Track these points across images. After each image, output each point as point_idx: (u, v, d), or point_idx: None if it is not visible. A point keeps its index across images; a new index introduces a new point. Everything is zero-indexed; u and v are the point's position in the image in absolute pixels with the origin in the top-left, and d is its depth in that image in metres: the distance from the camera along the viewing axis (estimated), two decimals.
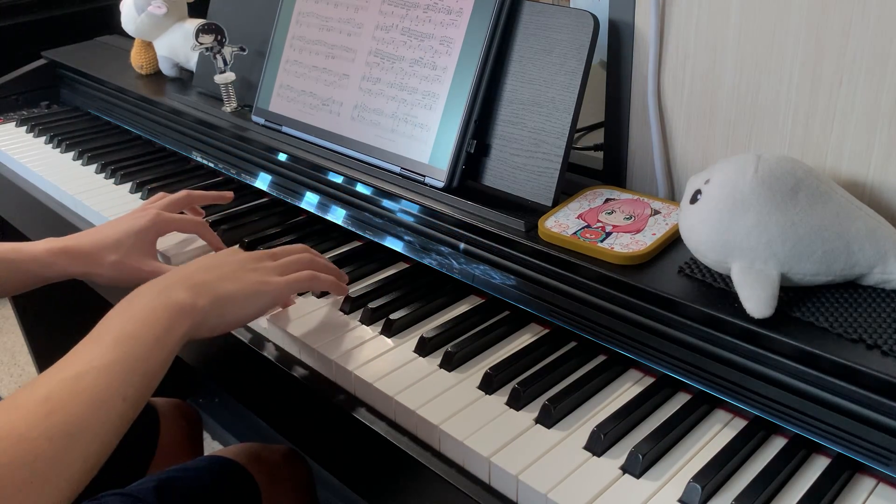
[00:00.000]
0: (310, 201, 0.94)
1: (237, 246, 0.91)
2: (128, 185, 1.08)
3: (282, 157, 0.97)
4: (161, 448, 0.99)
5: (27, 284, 0.82)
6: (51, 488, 0.50)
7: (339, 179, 0.90)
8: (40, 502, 0.49)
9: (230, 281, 0.67)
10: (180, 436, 1.03)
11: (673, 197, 0.82)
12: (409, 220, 0.83)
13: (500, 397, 0.65)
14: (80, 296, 0.85)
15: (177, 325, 0.61)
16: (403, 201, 0.83)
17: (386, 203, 0.85)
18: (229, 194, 0.95)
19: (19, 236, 1.27)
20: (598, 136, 0.87)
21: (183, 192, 0.91)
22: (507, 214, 0.75)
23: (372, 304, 0.77)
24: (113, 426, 0.54)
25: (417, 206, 0.82)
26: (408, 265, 0.86)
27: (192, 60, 1.20)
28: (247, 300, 0.67)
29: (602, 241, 0.69)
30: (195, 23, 1.13)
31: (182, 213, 0.92)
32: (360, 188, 0.88)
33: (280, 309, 0.78)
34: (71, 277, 0.82)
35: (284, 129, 0.98)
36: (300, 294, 0.81)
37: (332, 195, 0.91)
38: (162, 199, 0.90)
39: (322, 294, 0.81)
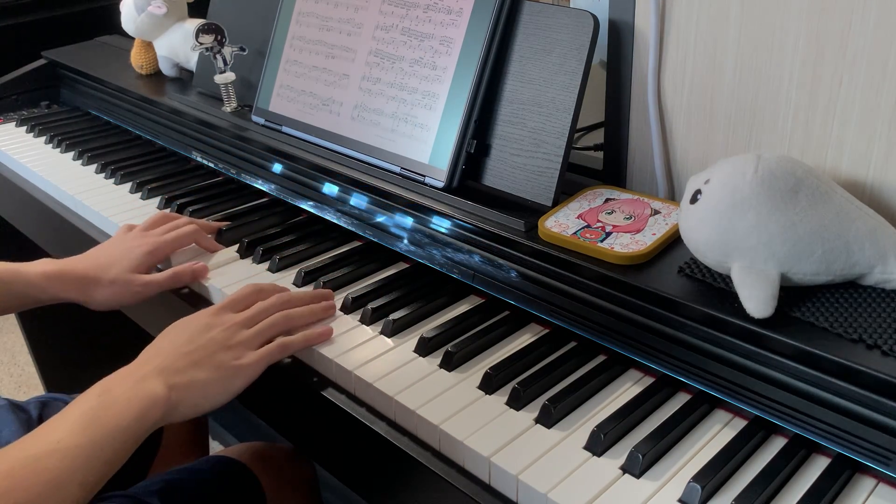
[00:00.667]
0: (310, 201, 0.94)
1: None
2: (128, 185, 1.08)
3: (282, 157, 0.97)
4: (164, 448, 0.99)
5: (22, 305, 0.84)
6: None
7: (339, 180, 0.90)
8: None
9: (205, 368, 0.66)
10: (185, 436, 1.03)
11: (673, 197, 0.82)
12: (408, 220, 0.83)
13: (500, 397, 0.65)
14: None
15: (148, 415, 0.61)
16: (403, 201, 0.83)
17: (386, 203, 0.85)
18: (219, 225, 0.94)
19: (19, 236, 1.27)
20: (598, 136, 0.87)
21: (191, 229, 0.89)
22: (507, 214, 0.75)
23: (372, 304, 0.77)
24: None
25: (417, 206, 0.82)
26: (408, 265, 0.86)
27: (192, 60, 1.20)
28: (220, 387, 0.67)
29: (602, 241, 0.69)
30: (195, 23, 1.13)
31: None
32: (359, 188, 0.88)
33: None
34: (67, 301, 0.83)
35: (284, 128, 0.98)
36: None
37: (332, 195, 0.91)
38: (165, 226, 0.89)
39: None
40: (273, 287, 0.77)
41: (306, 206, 0.94)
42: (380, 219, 0.86)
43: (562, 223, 0.73)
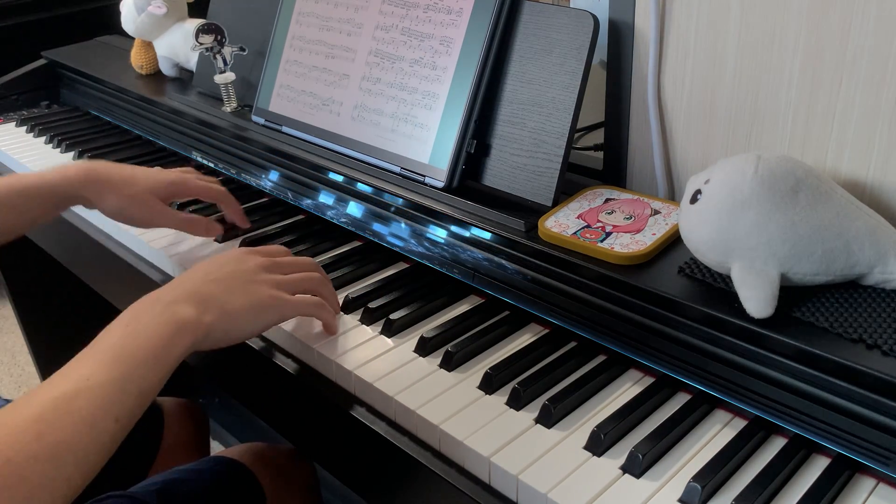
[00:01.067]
0: (310, 201, 0.94)
1: (239, 244, 0.90)
2: None
3: (282, 157, 0.97)
4: (164, 449, 0.99)
5: (49, 212, 0.85)
6: None
7: (339, 179, 0.90)
8: None
9: (239, 294, 0.65)
10: (186, 437, 1.03)
11: (673, 197, 0.82)
12: (408, 220, 0.83)
13: (500, 397, 0.65)
14: (80, 296, 0.85)
15: (179, 341, 0.59)
16: (403, 201, 0.83)
17: (386, 203, 0.85)
18: (248, 222, 0.94)
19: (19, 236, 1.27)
20: (598, 136, 0.87)
21: (220, 189, 0.91)
22: (507, 214, 0.75)
23: (372, 304, 0.77)
24: (103, 447, 0.53)
25: (417, 206, 0.82)
26: (408, 265, 0.86)
27: (192, 60, 1.20)
28: (254, 316, 0.65)
29: (602, 241, 0.69)
30: (195, 23, 1.13)
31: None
32: (360, 188, 0.88)
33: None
34: (76, 203, 0.85)
35: (284, 129, 0.98)
36: None
37: (332, 195, 0.91)
38: (196, 173, 0.92)
39: None
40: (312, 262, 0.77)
41: (306, 206, 0.94)
42: (379, 219, 0.86)
43: (562, 223, 0.73)
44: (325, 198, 0.92)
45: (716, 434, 0.61)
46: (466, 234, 0.77)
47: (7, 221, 0.82)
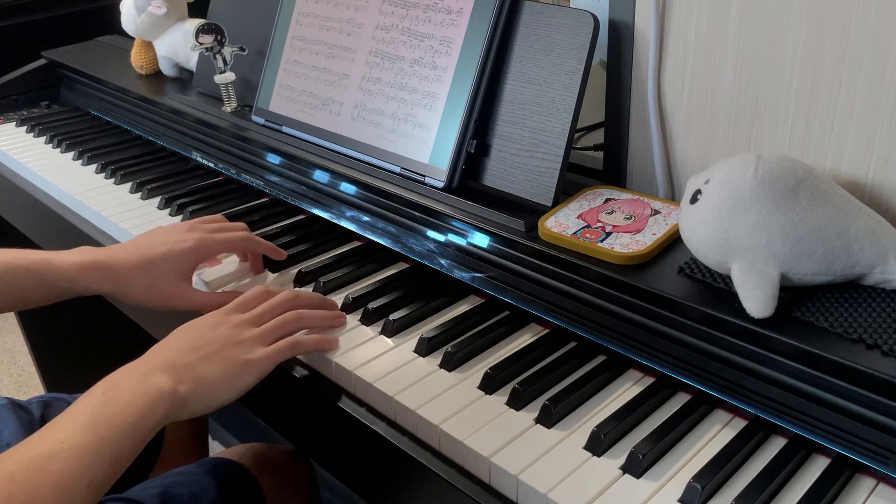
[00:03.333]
0: (310, 201, 0.94)
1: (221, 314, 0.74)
2: (128, 185, 1.08)
3: (282, 157, 0.97)
4: (166, 448, 0.99)
5: (53, 297, 0.79)
6: None
7: (338, 179, 0.90)
8: None
9: (213, 362, 0.64)
10: (185, 436, 1.03)
11: (673, 197, 0.82)
12: (408, 220, 0.83)
13: (500, 397, 0.65)
14: (80, 296, 0.84)
15: (155, 411, 0.59)
16: (403, 201, 0.83)
17: (386, 203, 0.85)
18: (283, 253, 0.86)
19: (19, 236, 1.27)
20: (598, 136, 0.87)
21: (241, 235, 0.83)
22: (507, 214, 0.75)
23: (372, 304, 0.77)
24: None
25: (417, 206, 0.82)
26: (408, 265, 0.86)
27: (192, 60, 1.20)
28: (230, 383, 0.64)
29: (602, 241, 0.69)
30: (195, 23, 1.14)
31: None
32: (359, 188, 0.88)
33: None
34: (98, 294, 0.79)
35: (284, 129, 0.98)
36: None
37: (332, 195, 0.91)
38: (214, 225, 0.83)
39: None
40: (282, 290, 0.75)
41: (306, 206, 0.94)
42: (380, 219, 0.86)
43: (562, 223, 0.73)
44: (325, 198, 0.92)
45: (716, 434, 0.61)
46: (466, 234, 0.77)
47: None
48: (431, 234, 0.81)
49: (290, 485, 0.93)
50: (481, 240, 0.76)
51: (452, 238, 0.79)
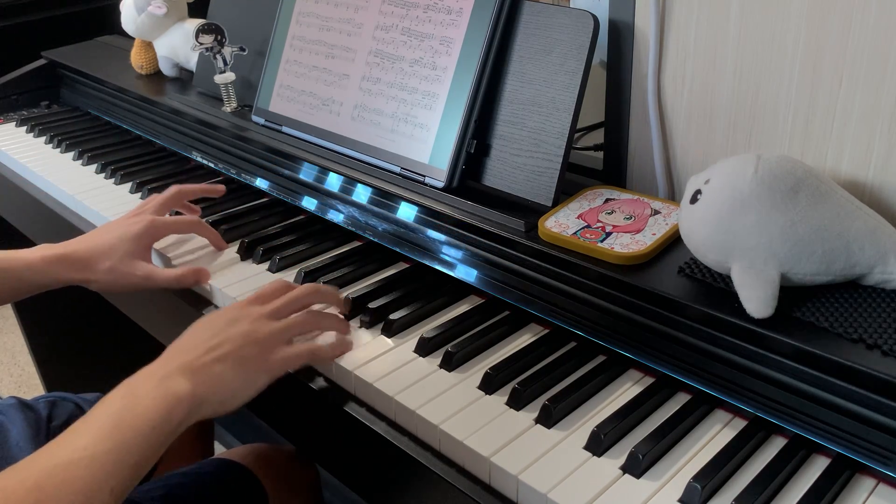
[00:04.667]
0: (310, 201, 0.94)
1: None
2: (128, 185, 1.08)
3: (282, 157, 0.97)
4: (170, 450, 0.99)
5: (22, 292, 0.82)
6: None
7: (339, 179, 0.90)
8: None
9: (230, 363, 0.64)
10: (190, 438, 1.03)
11: (673, 197, 0.82)
12: (408, 220, 0.83)
13: (500, 397, 0.65)
14: (80, 296, 0.85)
15: (175, 415, 0.59)
16: (403, 201, 0.83)
17: (386, 203, 0.85)
18: (220, 187, 0.96)
19: (19, 236, 1.27)
20: (598, 136, 0.87)
21: (172, 189, 0.91)
22: (507, 214, 0.75)
23: (372, 304, 0.77)
24: None
25: (417, 206, 0.82)
26: (408, 265, 0.86)
27: (192, 60, 1.20)
28: (246, 383, 0.65)
29: (602, 241, 0.69)
30: (195, 23, 1.14)
31: (177, 212, 0.92)
32: (359, 188, 0.88)
33: None
34: (66, 284, 0.82)
35: (284, 129, 0.98)
36: None
37: (332, 195, 0.91)
38: (154, 200, 0.90)
39: None
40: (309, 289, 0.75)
41: (306, 206, 0.94)
42: (380, 219, 0.86)
43: (562, 223, 0.73)
44: (326, 198, 0.92)
45: (716, 434, 0.61)
46: (466, 234, 0.77)
47: None
48: (431, 233, 0.81)
49: (292, 486, 0.93)
50: (481, 240, 0.76)
51: (452, 238, 0.79)
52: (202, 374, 0.63)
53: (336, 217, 0.91)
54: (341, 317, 0.76)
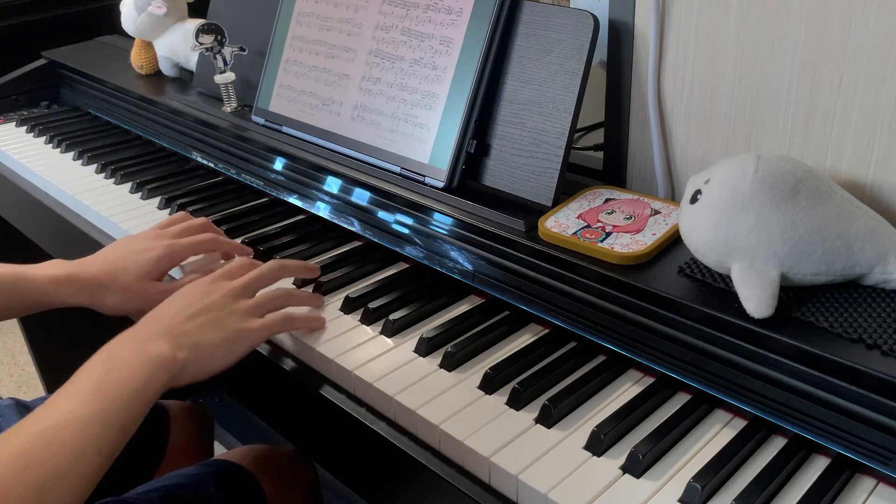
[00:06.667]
0: (310, 201, 0.94)
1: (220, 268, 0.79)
2: (128, 185, 1.08)
3: (282, 157, 0.97)
4: (170, 450, 0.99)
5: (26, 310, 0.80)
6: None
7: (338, 180, 0.90)
8: None
9: (211, 329, 0.66)
10: (190, 438, 1.03)
11: (673, 197, 0.82)
12: (408, 220, 0.83)
13: (500, 397, 0.65)
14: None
15: (156, 377, 0.60)
16: (403, 201, 0.83)
17: (386, 203, 0.85)
18: (248, 250, 0.87)
19: (19, 236, 1.27)
20: (598, 136, 0.87)
21: (207, 236, 0.83)
22: (507, 214, 0.75)
23: (372, 304, 0.77)
24: (87, 480, 0.54)
25: (417, 206, 0.82)
26: (408, 265, 0.86)
27: (192, 60, 1.20)
28: (226, 349, 0.67)
29: (602, 241, 0.69)
30: (195, 23, 1.14)
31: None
32: (359, 188, 0.88)
33: None
34: (73, 306, 0.80)
35: (284, 129, 0.98)
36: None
37: (333, 195, 0.91)
38: (179, 226, 0.84)
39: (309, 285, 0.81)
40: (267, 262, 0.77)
41: (306, 206, 0.94)
42: (380, 219, 0.86)
43: (562, 223, 0.73)
44: (325, 198, 0.92)
45: (716, 434, 0.61)
46: (466, 234, 0.77)
47: None
48: (431, 234, 0.81)
49: (291, 486, 0.93)
50: (481, 240, 0.76)
51: (452, 238, 0.79)
52: (183, 337, 0.64)
53: (336, 217, 0.91)
54: (313, 294, 0.78)
